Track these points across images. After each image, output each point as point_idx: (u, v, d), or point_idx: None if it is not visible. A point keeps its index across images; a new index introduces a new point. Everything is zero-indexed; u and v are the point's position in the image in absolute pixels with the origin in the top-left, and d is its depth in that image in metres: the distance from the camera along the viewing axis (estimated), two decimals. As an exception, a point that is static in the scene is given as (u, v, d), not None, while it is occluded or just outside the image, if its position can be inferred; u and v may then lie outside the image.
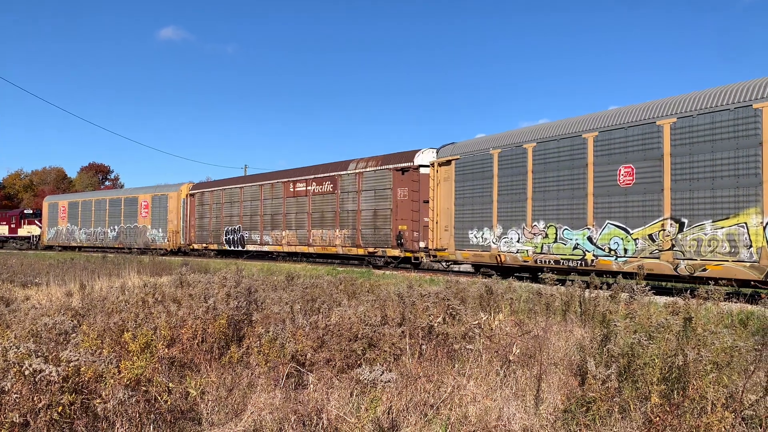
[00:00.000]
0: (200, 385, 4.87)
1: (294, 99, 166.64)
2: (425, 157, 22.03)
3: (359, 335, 5.83)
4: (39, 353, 4.08)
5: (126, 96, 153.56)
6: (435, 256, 20.14)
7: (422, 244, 21.70)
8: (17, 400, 3.77)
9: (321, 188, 26.53)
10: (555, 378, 5.45)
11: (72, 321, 5.58)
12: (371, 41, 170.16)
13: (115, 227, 41.11)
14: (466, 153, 19.09)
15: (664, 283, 15.54)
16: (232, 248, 31.77)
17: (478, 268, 18.61)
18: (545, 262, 15.86)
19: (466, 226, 18.79)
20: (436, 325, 6.24)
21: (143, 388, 4.35)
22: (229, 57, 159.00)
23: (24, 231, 52.55)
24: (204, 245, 34.21)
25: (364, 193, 24.24)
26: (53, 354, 4.31)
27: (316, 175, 26.88)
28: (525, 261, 16.54)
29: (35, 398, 3.79)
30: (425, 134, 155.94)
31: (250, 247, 30.53)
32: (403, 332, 6.08)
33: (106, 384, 4.14)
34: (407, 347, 5.88)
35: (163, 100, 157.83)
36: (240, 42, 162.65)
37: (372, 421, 4.14)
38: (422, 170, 21.93)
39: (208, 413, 4.57)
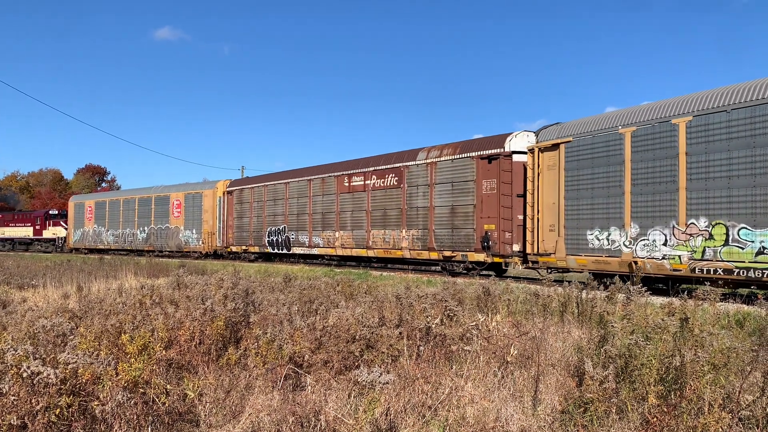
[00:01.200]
0: (198, 387, 4.86)
1: (291, 99, 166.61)
2: (519, 141, 18.44)
3: (357, 337, 5.83)
4: (37, 355, 4.07)
5: (121, 96, 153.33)
6: (536, 262, 16.60)
7: (516, 248, 18.01)
8: (15, 403, 3.76)
9: (383, 182, 22.85)
10: (552, 379, 5.46)
11: (69, 323, 5.57)
12: (368, 41, 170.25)
13: (145, 228, 38.10)
14: (580, 134, 15.56)
15: (661, 285, 15.51)
16: (276, 250, 28.33)
17: (601, 278, 14.25)
18: (710, 271, 12.39)
19: (583, 225, 15.26)
20: (433, 326, 6.25)
21: (141, 390, 4.35)
22: (225, 57, 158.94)
23: (49, 233, 49.09)
24: (243, 247, 30.82)
25: (439, 186, 20.52)
26: (51, 356, 4.30)
27: (377, 167, 23.16)
28: (676, 270, 13.03)
29: (33, 400, 3.78)
30: (429, 133, 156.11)
31: (296, 250, 27.12)
32: (400, 333, 6.08)
33: (103, 386, 4.14)
34: (405, 348, 5.89)
35: (159, 100, 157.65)
36: (236, 42, 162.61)
37: (370, 422, 4.14)
38: (515, 158, 18.29)
39: (206, 415, 4.57)
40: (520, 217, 17.92)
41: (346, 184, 24.77)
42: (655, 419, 4.17)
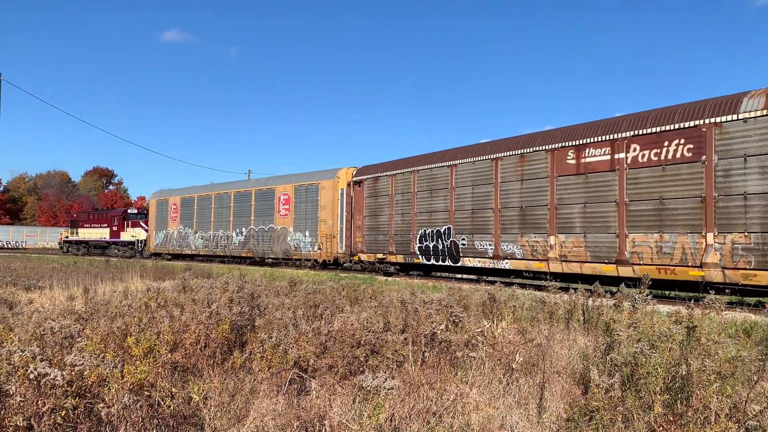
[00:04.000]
0: (203, 391, 4.87)
1: (298, 101, 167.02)
2: None
3: (362, 342, 5.83)
4: (43, 357, 4.09)
5: (128, 99, 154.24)
6: None
7: None
8: (21, 404, 3.78)
9: (656, 153, 14.10)
10: (558, 386, 5.44)
11: (76, 325, 5.60)
12: (375, 41, 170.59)
13: (242, 229, 31.20)
14: None
15: (667, 292, 15.45)
16: (433, 261, 20.16)
17: None
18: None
19: None
20: (438, 332, 6.24)
21: (146, 392, 4.36)
22: (232, 59, 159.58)
23: (127, 235, 43.06)
24: (379, 256, 22.72)
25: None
26: (57, 358, 4.32)
27: (643, 131, 14.41)
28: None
29: (39, 402, 3.80)
30: (448, 135, 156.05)
31: (470, 261, 18.80)
32: (405, 339, 6.08)
33: (109, 388, 4.15)
34: (410, 354, 5.88)
35: (165, 102, 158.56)
36: (243, 44, 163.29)
37: (374, 428, 4.13)
38: None
39: (210, 419, 4.57)
40: None
41: (572, 161, 16.05)
42: (661, 428, 4.15)
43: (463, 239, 19.27)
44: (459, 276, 22.31)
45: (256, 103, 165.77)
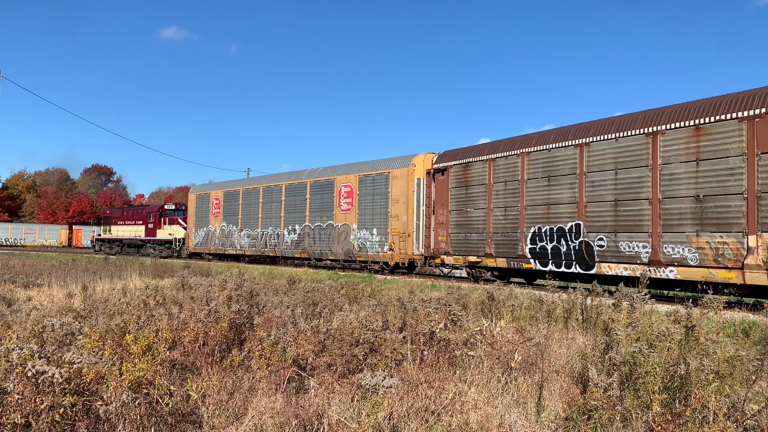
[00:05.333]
0: (201, 389, 4.87)
1: (297, 99, 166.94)
2: None
3: (360, 340, 5.83)
4: (41, 354, 4.08)
5: (126, 96, 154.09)
6: None
7: None
8: (19, 401, 3.77)
9: None
10: (556, 385, 5.44)
11: (74, 322, 5.59)
12: (376, 40, 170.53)
13: (296, 227, 27.23)
14: None
15: (665, 291, 15.46)
16: (553, 267, 15.81)
17: None
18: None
19: None
20: (437, 330, 6.24)
21: (144, 390, 4.35)
22: (231, 57, 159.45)
23: (164, 233, 39.67)
24: (470, 259, 18.35)
25: None
26: (56, 355, 4.31)
27: None
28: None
29: (37, 399, 3.79)
30: (439, 134, 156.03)
31: (612, 268, 14.34)
32: (404, 338, 6.08)
33: (107, 386, 4.15)
34: (409, 353, 5.88)
35: (164, 100, 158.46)
36: (243, 42, 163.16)
37: (373, 426, 4.13)
38: None
39: (209, 416, 4.57)
40: None
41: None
42: (659, 428, 4.15)
43: (601, 239, 14.65)
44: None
45: (256, 101, 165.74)
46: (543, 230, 16.40)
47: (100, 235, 47.89)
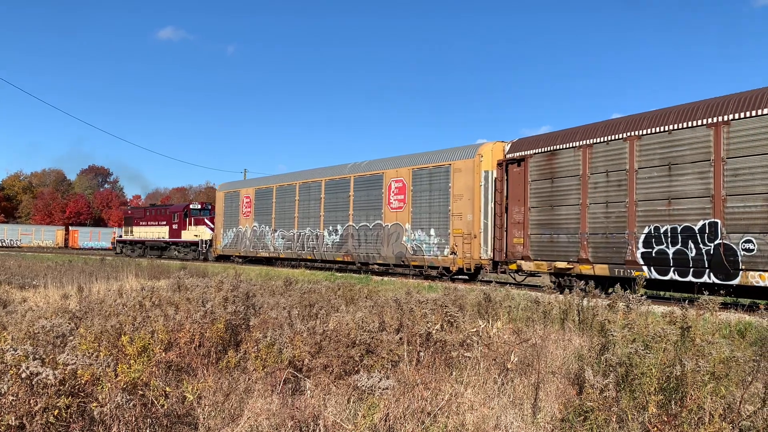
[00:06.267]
0: (197, 390, 4.85)
1: (295, 100, 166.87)
2: None
3: (357, 341, 5.82)
4: (36, 356, 4.07)
5: (122, 96, 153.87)
6: None
7: None
8: (13, 403, 3.76)
9: None
10: (553, 387, 5.44)
11: (69, 324, 5.57)
12: (372, 40, 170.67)
13: (337, 227, 24.47)
14: None
15: (662, 293, 15.46)
16: (677, 276, 12.96)
17: None
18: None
19: None
20: (434, 332, 6.23)
21: (140, 391, 4.34)
22: (228, 58, 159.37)
23: (190, 234, 37.08)
24: (558, 265, 15.60)
25: None
26: (50, 357, 4.29)
27: None
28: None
29: (31, 401, 3.78)
30: (432, 135, 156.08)
31: (762, 278, 11.64)
32: (401, 339, 6.07)
33: (102, 387, 4.13)
34: (405, 354, 5.87)
35: (160, 100, 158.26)
36: (240, 43, 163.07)
37: (369, 428, 4.13)
38: None
39: (204, 418, 4.56)
40: None
41: None
42: (655, 429, 4.16)
43: (748, 241, 11.78)
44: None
45: (253, 101, 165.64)
46: (662, 230, 13.34)
47: (121, 236, 45.86)
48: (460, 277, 19.80)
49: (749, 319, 9.36)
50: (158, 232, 40.21)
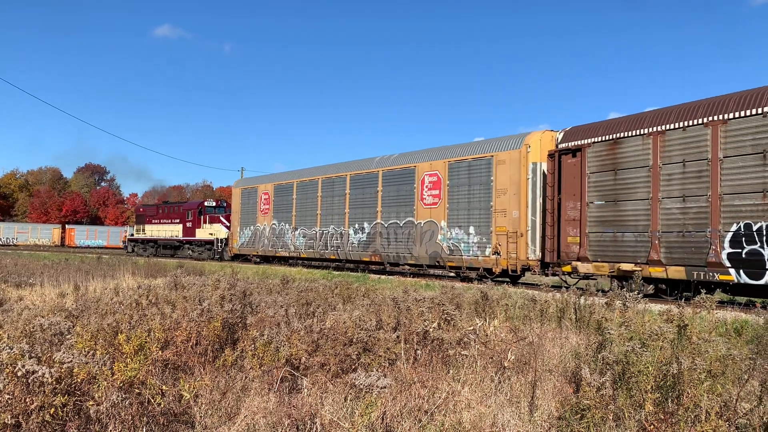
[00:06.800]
0: (194, 388, 4.85)
1: (291, 98, 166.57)
2: None
3: (354, 340, 5.82)
4: (32, 354, 4.06)
5: (119, 94, 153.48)
6: None
7: None
8: (9, 401, 3.75)
9: None
10: (550, 385, 5.45)
11: (66, 322, 5.55)
12: (369, 39, 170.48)
13: (364, 225, 22.90)
14: None
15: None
16: None
17: None
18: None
19: None
20: (431, 330, 6.23)
21: (136, 390, 4.33)
22: (226, 56, 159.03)
23: (204, 233, 35.66)
24: (623, 267, 14.02)
25: None
26: (46, 355, 4.28)
27: None
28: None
29: (27, 399, 3.77)
30: (436, 133, 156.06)
31: None
32: (398, 337, 6.07)
33: (99, 386, 4.12)
34: (402, 352, 5.87)
35: (157, 98, 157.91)
36: (237, 41, 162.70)
37: (366, 426, 4.12)
38: None
39: (201, 416, 4.55)
40: None
41: None
42: (652, 427, 4.16)
43: None
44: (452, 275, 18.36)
45: (250, 100, 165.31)
46: (755, 228, 11.69)
47: (132, 235, 44.09)
48: (501, 279, 18.17)
49: (745, 317, 9.39)
50: (171, 231, 38.65)
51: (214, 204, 37.69)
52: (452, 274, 19.62)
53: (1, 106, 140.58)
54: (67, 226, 77.26)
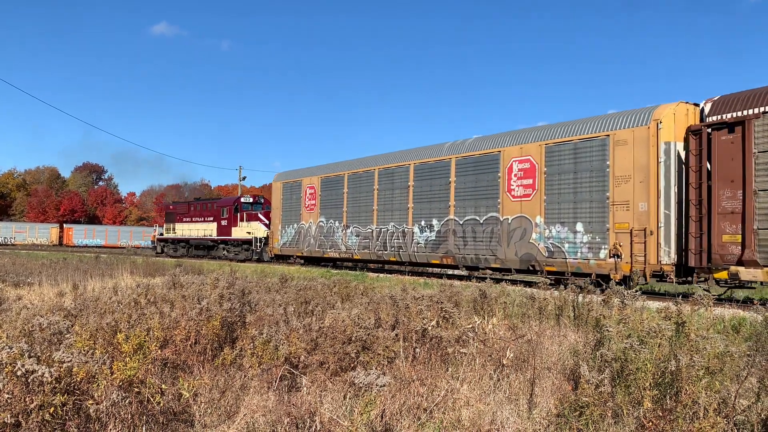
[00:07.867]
0: (193, 387, 4.85)
1: (289, 97, 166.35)
2: None
3: (353, 338, 5.82)
4: (31, 353, 4.05)
5: (116, 93, 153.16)
6: None
7: None
8: (9, 401, 3.75)
9: None
10: (548, 382, 5.46)
11: (65, 321, 5.55)
12: (367, 37, 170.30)
13: (432, 221, 19.59)
14: None
15: (657, 288, 15.54)
16: None
17: None
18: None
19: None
20: (430, 328, 6.24)
21: (136, 389, 4.33)
22: (223, 54, 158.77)
23: (241, 231, 32.81)
24: None
25: None
26: (46, 354, 4.28)
27: None
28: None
29: (27, 399, 3.77)
30: (426, 133, 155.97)
31: None
32: (396, 335, 6.08)
33: (98, 385, 4.12)
34: (401, 350, 5.88)
35: (154, 96, 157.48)
36: (234, 39, 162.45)
37: (365, 424, 4.13)
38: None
39: (200, 415, 4.56)
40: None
41: None
42: (650, 423, 4.18)
43: None
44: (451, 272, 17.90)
45: (248, 98, 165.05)
46: None
47: (162, 234, 41.23)
48: (615, 283, 13.06)
49: (743, 314, 9.41)
50: (204, 230, 35.86)
51: (251, 200, 34.60)
52: (550, 281, 13.54)
53: (2, 105, 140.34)
54: (65, 225, 77.15)
